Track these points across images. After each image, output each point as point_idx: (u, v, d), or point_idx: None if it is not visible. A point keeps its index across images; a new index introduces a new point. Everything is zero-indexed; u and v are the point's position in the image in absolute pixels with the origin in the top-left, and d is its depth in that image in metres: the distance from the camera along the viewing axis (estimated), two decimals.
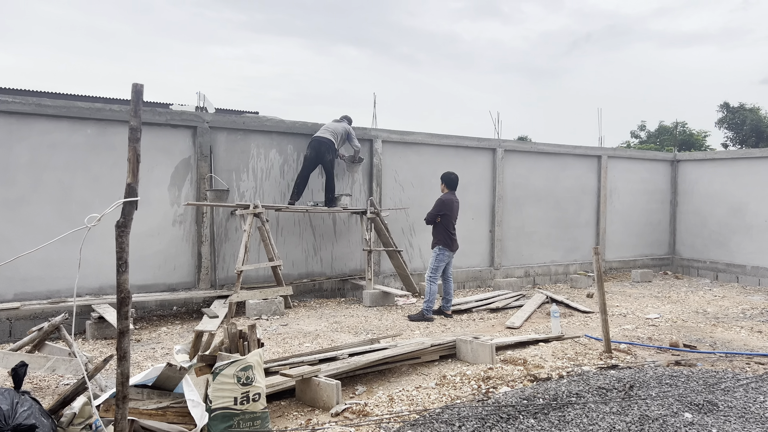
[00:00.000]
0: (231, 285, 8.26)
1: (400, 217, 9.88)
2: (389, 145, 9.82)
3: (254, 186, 8.70)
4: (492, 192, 10.91)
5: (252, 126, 8.69)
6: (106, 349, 6.09)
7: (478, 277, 10.74)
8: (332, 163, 8.74)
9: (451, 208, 7.98)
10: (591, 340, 6.52)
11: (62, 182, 7.22)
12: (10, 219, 6.95)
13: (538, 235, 11.55)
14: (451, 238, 7.96)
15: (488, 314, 8.19)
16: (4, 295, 6.89)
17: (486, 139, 10.86)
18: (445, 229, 7.92)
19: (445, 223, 7.92)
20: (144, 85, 2.62)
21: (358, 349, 5.37)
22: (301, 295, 8.95)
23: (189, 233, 8.15)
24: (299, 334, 6.75)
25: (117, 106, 7.70)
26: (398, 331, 6.98)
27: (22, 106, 6.98)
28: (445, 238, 7.91)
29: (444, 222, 7.91)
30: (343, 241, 9.49)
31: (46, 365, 4.46)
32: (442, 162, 10.33)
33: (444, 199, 7.99)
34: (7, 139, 6.92)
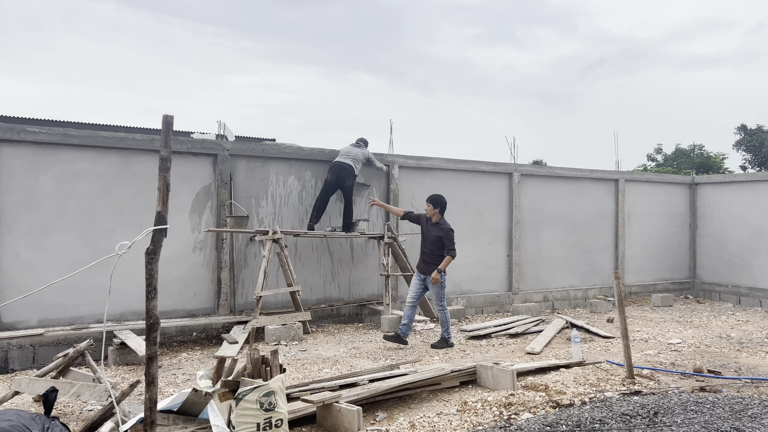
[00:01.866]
0: (250, 310, 8.30)
1: (417, 241, 9.88)
2: (406, 171, 9.90)
3: (273, 212, 8.80)
4: (509, 216, 10.91)
5: (271, 153, 8.82)
6: (128, 375, 6.14)
7: (496, 302, 10.69)
8: (352, 188, 8.83)
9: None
10: (613, 366, 6.45)
11: (85, 210, 7.36)
12: (35, 247, 7.08)
13: (557, 259, 11.49)
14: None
15: (508, 339, 8.13)
16: (28, 321, 6.99)
17: (502, 163, 10.90)
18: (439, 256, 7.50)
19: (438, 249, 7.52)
20: (174, 116, 2.70)
21: (379, 374, 5.36)
22: (319, 320, 8.96)
23: (209, 259, 8.24)
24: (318, 360, 6.75)
25: (139, 135, 7.87)
26: (417, 356, 6.95)
27: (49, 137, 7.17)
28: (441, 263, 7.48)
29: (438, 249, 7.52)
30: (361, 266, 9.52)
31: (71, 391, 4.51)
32: (459, 187, 10.38)
33: (451, 227, 7.60)
34: (34, 169, 7.10)
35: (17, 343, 6.78)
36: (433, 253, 7.55)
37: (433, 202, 7.58)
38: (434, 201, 7.58)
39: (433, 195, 7.72)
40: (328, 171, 8.84)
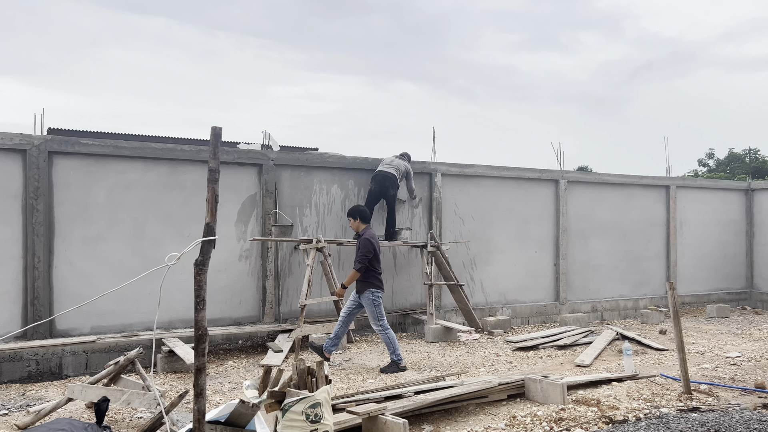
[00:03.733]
0: (294, 319, 8.33)
1: (460, 250, 9.79)
2: (448, 178, 9.81)
3: (316, 221, 8.83)
4: (555, 224, 10.68)
5: (315, 162, 8.87)
6: (176, 383, 6.22)
7: (542, 312, 10.45)
8: (395, 197, 8.80)
9: (377, 245, 6.90)
10: (668, 380, 6.19)
11: (136, 220, 7.54)
12: (87, 256, 7.28)
13: (605, 268, 11.18)
14: (380, 278, 6.90)
15: (556, 351, 7.92)
16: (81, 328, 7.18)
17: (548, 170, 10.69)
18: (374, 269, 6.83)
19: (373, 262, 6.81)
20: (222, 127, 2.71)
21: (424, 386, 5.28)
22: (362, 329, 8.93)
23: (254, 268, 8.32)
24: (362, 370, 6.71)
25: (187, 147, 8.03)
26: (462, 368, 6.83)
27: (101, 148, 7.38)
28: (374, 279, 6.81)
29: (372, 261, 6.80)
30: (404, 275, 9.46)
31: (122, 398, 4.59)
32: (503, 194, 10.23)
33: (369, 236, 6.85)
34: (87, 180, 7.31)
35: (71, 350, 6.98)
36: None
37: (350, 214, 7.08)
38: (350, 213, 7.09)
39: (350, 208, 7.24)
40: (372, 180, 8.83)
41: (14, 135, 6.94)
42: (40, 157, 6.99)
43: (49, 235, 7.05)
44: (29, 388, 6.18)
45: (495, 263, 10.14)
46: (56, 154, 7.14)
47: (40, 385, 6.32)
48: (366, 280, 6.78)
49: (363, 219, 6.97)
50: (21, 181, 6.95)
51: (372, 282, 6.78)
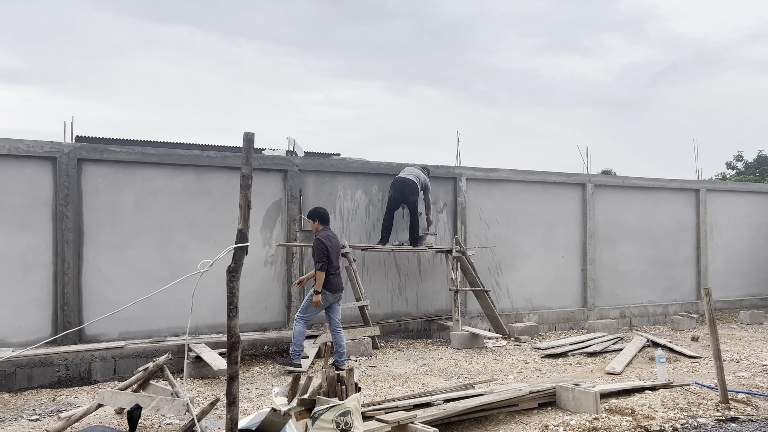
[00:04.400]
0: (319, 325, 8.30)
1: (485, 255, 9.68)
2: (473, 183, 9.72)
3: (341, 226, 8.80)
4: (582, 229, 10.52)
5: (339, 168, 8.85)
6: (204, 389, 6.22)
7: (570, 318, 10.28)
8: (416, 203, 8.74)
9: (330, 244, 6.83)
10: (703, 389, 6.02)
11: (162, 226, 7.58)
12: (115, 261, 7.34)
13: (634, 273, 10.98)
14: (330, 280, 6.78)
15: (585, 358, 7.77)
16: (109, 334, 7.24)
17: (575, 174, 10.54)
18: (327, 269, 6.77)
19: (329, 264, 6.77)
20: (254, 133, 2.69)
21: (453, 394, 5.20)
22: (387, 335, 8.87)
23: (279, 273, 8.32)
24: (389, 377, 6.65)
25: (213, 153, 8.07)
26: (491, 375, 6.73)
27: (129, 155, 7.45)
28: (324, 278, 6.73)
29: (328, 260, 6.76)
30: (428, 281, 9.38)
31: (151, 405, 4.59)
32: (528, 198, 10.11)
33: (321, 237, 6.81)
34: (115, 187, 7.38)
35: (99, 355, 7.03)
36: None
37: (309, 216, 7.08)
38: (309, 215, 7.09)
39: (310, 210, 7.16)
40: (391, 187, 8.79)
41: (44, 143, 7.03)
42: (69, 164, 7.07)
43: (79, 242, 7.12)
44: (59, 393, 6.24)
45: (521, 268, 10.01)
46: (85, 161, 7.22)
47: (69, 390, 6.37)
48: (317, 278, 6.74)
49: (321, 220, 6.97)
50: (51, 188, 7.04)
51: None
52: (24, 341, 6.82)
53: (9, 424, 5.11)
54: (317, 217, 6.98)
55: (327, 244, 6.73)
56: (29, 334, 6.87)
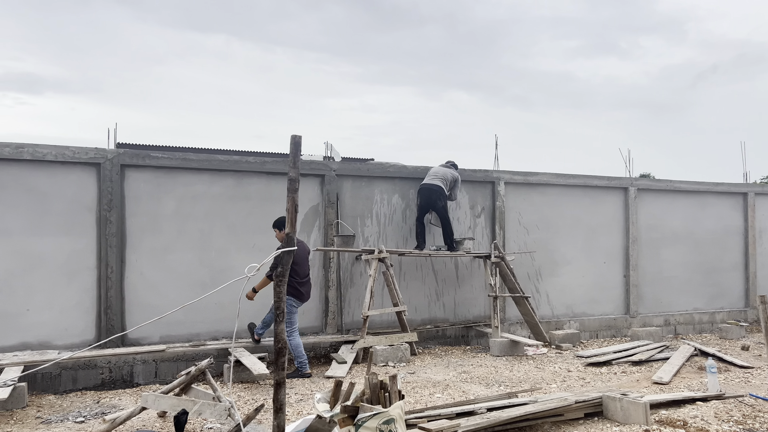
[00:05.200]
0: (356, 329, 8.27)
1: (525, 261, 9.51)
2: (512, 187, 9.56)
3: (378, 231, 8.76)
4: (625, 234, 10.25)
5: (375, 172, 8.82)
6: (244, 393, 6.23)
7: (612, 325, 10.02)
8: (445, 208, 8.61)
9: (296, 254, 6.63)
10: (758, 401, 5.76)
11: (202, 231, 7.65)
12: (156, 266, 7.43)
13: (678, 280, 10.65)
14: (299, 288, 6.94)
15: (630, 367, 7.54)
16: (151, 337, 7.32)
17: (616, 177, 10.29)
18: (292, 277, 6.82)
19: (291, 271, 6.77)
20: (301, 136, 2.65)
21: (496, 403, 5.07)
22: (425, 341, 8.77)
23: (317, 278, 8.31)
24: (428, 384, 6.55)
25: (252, 158, 8.12)
26: (533, 383, 6.58)
27: (170, 161, 7.55)
28: (290, 286, 6.74)
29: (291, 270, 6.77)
30: (466, 287, 9.26)
31: (194, 409, 4.60)
32: (568, 203, 9.91)
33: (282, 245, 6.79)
34: (156, 192, 7.48)
35: (141, 359, 7.11)
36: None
37: (274, 225, 7.15)
38: (274, 224, 7.16)
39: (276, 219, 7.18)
40: (418, 194, 8.71)
41: (89, 149, 7.17)
42: (113, 170, 7.20)
43: (121, 246, 7.24)
44: (103, 396, 6.32)
45: (561, 274, 9.81)
46: (128, 167, 7.34)
47: (113, 393, 6.45)
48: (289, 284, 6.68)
49: (280, 228, 7.03)
50: (95, 193, 7.17)
51: (290, 291, 6.79)
52: (69, 344, 6.95)
53: (55, 426, 5.19)
54: (283, 227, 6.86)
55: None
56: (74, 336, 7.00)
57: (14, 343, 6.74)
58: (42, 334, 6.87)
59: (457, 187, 8.77)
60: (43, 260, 6.92)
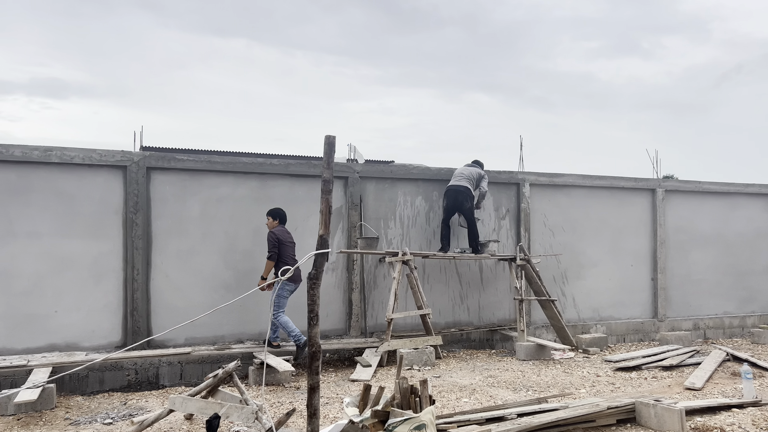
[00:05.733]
0: (380, 332, 8.21)
1: (550, 264, 9.38)
2: (537, 188, 9.45)
3: (401, 233, 8.70)
4: (652, 236, 10.07)
5: (399, 174, 8.77)
6: (269, 396, 6.21)
7: (639, 329, 9.84)
8: (471, 210, 8.52)
9: (283, 237, 7.25)
10: None
11: (227, 233, 7.66)
12: (182, 268, 7.46)
13: (707, 283, 10.42)
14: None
15: (660, 372, 7.37)
16: (176, 339, 7.34)
17: (643, 179, 10.11)
18: (283, 263, 7.13)
19: (281, 252, 7.21)
20: (335, 136, 2.60)
21: (526, 408, 4.99)
22: (449, 344, 8.69)
23: (340, 280, 8.28)
24: (455, 388, 6.47)
25: (276, 161, 8.12)
26: (561, 388, 6.46)
27: (195, 163, 7.57)
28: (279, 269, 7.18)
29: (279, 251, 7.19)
30: (491, 289, 9.16)
31: (221, 411, 4.57)
32: (594, 204, 9.76)
33: (275, 230, 7.26)
34: (182, 194, 7.51)
35: (167, 361, 7.13)
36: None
37: (268, 213, 7.42)
38: (269, 212, 7.42)
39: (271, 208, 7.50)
40: (444, 196, 8.63)
41: (116, 152, 7.23)
42: (139, 172, 7.24)
43: (147, 248, 7.27)
44: (130, 397, 6.35)
45: (587, 277, 9.66)
46: (153, 169, 7.38)
47: (140, 395, 6.47)
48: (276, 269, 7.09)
49: (274, 218, 7.37)
50: (121, 196, 7.22)
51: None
52: (96, 345, 7.00)
53: (83, 427, 5.21)
54: (277, 216, 7.40)
55: (279, 237, 7.19)
56: (101, 338, 7.05)
57: (42, 345, 6.80)
58: (70, 335, 6.93)
59: (483, 180, 8.67)
60: (72, 262, 6.98)
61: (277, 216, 7.40)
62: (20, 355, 6.63)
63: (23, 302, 6.76)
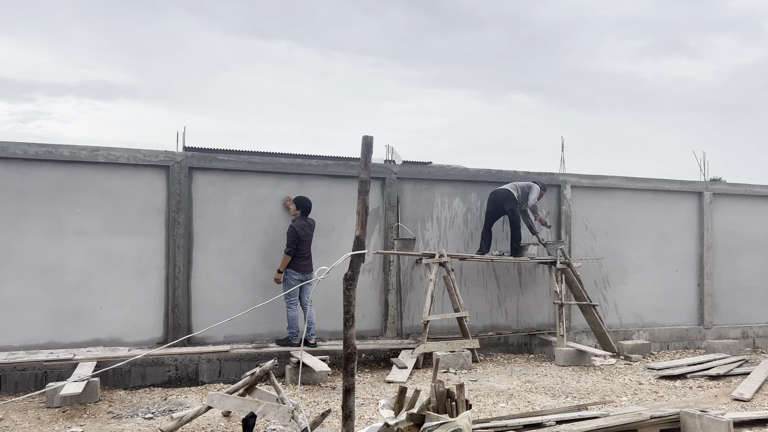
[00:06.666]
0: (416, 334, 8.18)
1: (592, 268, 9.18)
2: (579, 191, 9.26)
3: (438, 235, 8.65)
4: (699, 241, 9.75)
5: (436, 175, 8.72)
6: (305, 395, 6.25)
7: (684, 336, 9.54)
8: (514, 212, 8.40)
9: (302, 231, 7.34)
10: None
11: (267, 232, 7.75)
12: (222, 266, 7.57)
13: (757, 290, 10.04)
14: (301, 262, 7.33)
15: (707, 382, 7.12)
16: (215, 337, 7.46)
17: (690, 181, 9.80)
18: (298, 257, 7.33)
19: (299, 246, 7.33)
20: (373, 137, 2.59)
21: (565, 416, 4.88)
22: (486, 348, 8.59)
23: (377, 281, 8.28)
24: (491, 393, 6.39)
25: (315, 161, 8.18)
26: (601, 396, 6.31)
27: (236, 164, 7.69)
28: (294, 262, 7.30)
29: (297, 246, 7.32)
30: (530, 293, 9.02)
31: (258, 410, 4.62)
32: (638, 208, 9.51)
33: (294, 225, 7.34)
34: (223, 194, 7.63)
35: (206, 358, 7.26)
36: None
37: (294, 201, 7.55)
38: (295, 200, 7.55)
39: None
40: (487, 201, 8.55)
41: (159, 152, 7.39)
42: (181, 172, 7.38)
43: (189, 247, 7.41)
44: (170, 393, 6.47)
45: (630, 282, 9.41)
46: (195, 169, 7.51)
47: (179, 390, 6.60)
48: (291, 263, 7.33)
49: (297, 207, 7.47)
50: (164, 195, 7.37)
51: (291, 264, 7.30)
52: (138, 341, 7.17)
53: (126, 421, 5.34)
54: (301, 206, 7.48)
55: (299, 233, 7.31)
56: (143, 334, 7.22)
57: (88, 339, 7.00)
58: (114, 331, 7.11)
59: (533, 193, 8.48)
60: (116, 259, 7.16)
61: (301, 206, 7.48)
62: (67, 348, 6.84)
63: (70, 298, 6.97)
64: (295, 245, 7.29)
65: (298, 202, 7.49)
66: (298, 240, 7.30)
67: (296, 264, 7.33)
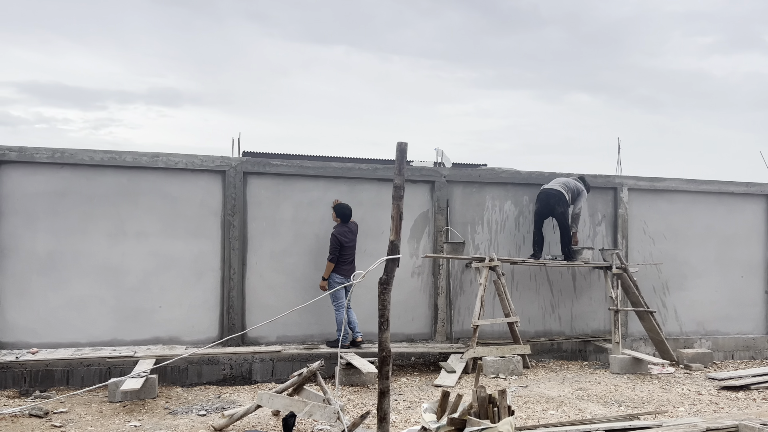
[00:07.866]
0: (465, 338, 8.13)
1: (650, 273, 8.88)
2: (636, 193, 8.98)
3: (489, 238, 8.57)
4: (766, 246, 9.27)
5: (487, 178, 8.64)
6: (353, 396, 6.33)
7: (750, 346, 9.09)
8: (564, 215, 8.20)
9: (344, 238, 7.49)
10: None
11: (318, 236, 7.89)
12: (275, 268, 7.77)
13: None
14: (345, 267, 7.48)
15: None
16: (268, 337, 7.66)
17: (756, 183, 9.34)
18: (342, 260, 7.51)
19: (342, 253, 7.51)
20: (407, 143, 2.62)
21: (615, 425, 4.75)
22: (538, 354, 8.44)
23: (426, 285, 8.29)
24: (541, 399, 6.28)
25: (364, 165, 8.27)
26: (657, 405, 6.09)
27: (288, 168, 7.87)
28: (338, 267, 7.49)
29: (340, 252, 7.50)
30: (584, 299, 8.80)
31: (304, 410, 4.72)
32: (700, 211, 9.15)
33: (336, 232, 7.47)
34: (276, 198, 7.83)
35: (259, 357, 7.45)
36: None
37: (334, 209, 7.63)
38: (334, 208, 7.64)
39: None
40: (536, 200, 8.37)
41: (215, 157, 7.66)
42: (236, 177, 7.63)
43: (243, 249, 7.64)
44: (224, 391, 6.69)
45: (691, 288, 9.05)
46: (250, 174, 7.75)
47: (233, 389, 6.81)
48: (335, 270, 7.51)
49: (337, 215, 7.57)
50: (220, 198, 7.64)
51: (336, 269, 7.48)
52: (195, 340, 7.44)
53: (181, 417, 5.56)
54: (340, 214, 7.58)
55: (341, 240, 7.47)
56: (200, 333, 7.49)
57: (147, 337, 7.33)
58: (172, 329, 7.41)
59: (581, 199, 8.33)
60: (174, 261, 7.47)
61: (341, 214, 7.59)
62: (128, 346, 7.18)
63: (131, 297, 7.32)
64: (337, 252, 7.45)
65: (337, 210, 7.61)
66: (340, 247, 7.46)
67: (340, 268, 7.49)
